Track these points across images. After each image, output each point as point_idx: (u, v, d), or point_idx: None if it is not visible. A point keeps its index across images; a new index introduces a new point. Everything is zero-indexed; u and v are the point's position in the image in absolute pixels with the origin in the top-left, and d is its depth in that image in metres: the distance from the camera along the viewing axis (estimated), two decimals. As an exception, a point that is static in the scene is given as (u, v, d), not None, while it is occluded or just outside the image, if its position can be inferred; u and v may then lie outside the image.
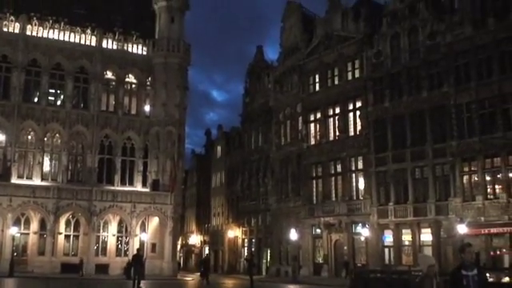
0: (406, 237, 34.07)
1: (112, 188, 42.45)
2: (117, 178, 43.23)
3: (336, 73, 39.91)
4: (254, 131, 49.89)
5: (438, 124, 32.99)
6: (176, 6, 46.73)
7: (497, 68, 30.04)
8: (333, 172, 39.36)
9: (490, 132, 30.14)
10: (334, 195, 39.00)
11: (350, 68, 39.08)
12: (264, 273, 45.60)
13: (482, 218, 29.74)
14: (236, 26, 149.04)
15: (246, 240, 50.34)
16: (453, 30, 32.47)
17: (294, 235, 39.38)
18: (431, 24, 33.85)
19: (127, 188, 43.18)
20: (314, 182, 40.84)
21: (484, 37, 30.81)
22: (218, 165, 59.71)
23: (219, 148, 60.00)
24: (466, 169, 31.39)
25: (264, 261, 46.72)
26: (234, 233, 51.62)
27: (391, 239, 34.73)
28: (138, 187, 43.70)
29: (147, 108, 45.70)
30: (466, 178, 31.44)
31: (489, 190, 30.30)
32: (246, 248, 50.30)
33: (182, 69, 46.61)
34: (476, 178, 30.88)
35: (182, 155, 46.53)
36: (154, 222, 43.51)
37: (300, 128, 42.61)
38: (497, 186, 29.91)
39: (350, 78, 39.01)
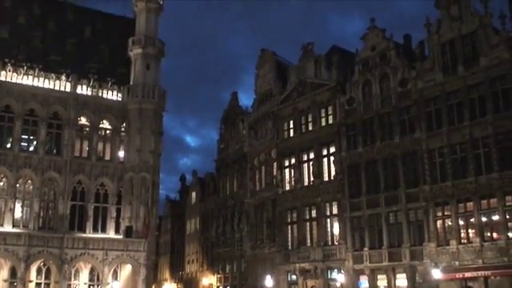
0: (382, 282, 33.89)
1: (84, 235, 41.76)
2: (89, 224, 42.59)
3: (310, 119, 40.36)
4: (228, 177, 49.80)
5: (411, 169, 33.44)
6: (152, 53, 47.21)
7: (467, 113, 30.74)
8: (308, 217, 39.31)
9: (463, 177, 30.59)
10: (309, 241, 38.84)
11: (323, 114, 39.58)
12: (239, 321, 44.77)
13: (457, 263, 29.89)
14: (209, 71, 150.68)
15: (220, 287, 49.52)
16: (423, 77, 33.29)
17: (269, 282, 38.92)
18: (402, 71, 34.69)
19: (99, 235, 42.48)
20: (289, 227, 40.70)
21: (454, 83, 31.64)
22: (192, 211, 59.23)
23: (194, 194, 59.65)
24: (440, 213, 31.64)
25: (239, 309, 45.92)
26: (209, 280, 50.80)
27: (367, 285, 34.53)
28: (111, 234, 43.04)
29: (121, 154, 45.46)
30: (439, 222, 31.66)
31: (462, 234, 30.51)
32: (220, 296, 49.46)
33: (157, 115, 46.75)
34: (449, 223, 31.12)
35: (156, 201, 46.21)
36: (127, 269, 42.69)
37: (275, 174, 42.71)
38: (470, 231, 30.17)
39: (323, 123, 39.47)
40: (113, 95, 46.32)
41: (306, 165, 40.18)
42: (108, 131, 45.84)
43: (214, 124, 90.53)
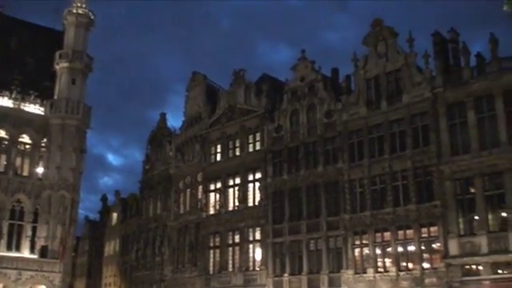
0: (300, 308, 34.29)
1: (-3, 253, 40.09)
2: (3, 242, 40.99)
3: (237, 144, 40.69)
4: (152, 199, 49.12)
5: (333, 198, 34.23)
6: (79, 68, 46.44)
7: (388, 147, 31.96)
8: (231, 242, 39.34)
9: (381, 207, 31.64)
10: (230, 266, 38.82)
11: (251, 140, 40.01)
12: None
13: (373, 291, 30.75)
14: (136, 90, 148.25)
15: (138, 312, 48.41)
16: (348, 110, 34.42)
17: (188, 306, 38.50)
18: (328, 103, 35.72)
19: (13, 254, 40.97)
20: (212, 252, 40.54)
21: (377, 117, 32.88)
22: (112, 232, 57.81)
23: (115, 215, 58.30)
24: (358, 242, 32.48)
25: (156, 334, 45.00)
26: (126, 304, 49.62)
27: (286, 311, 34.82)
28: (25, 253, 41.52)
29: (40, 170, 44.07)
30: (357, 250, 32.48)
31: (379, 263, 31.40)
32: (137, 320, 48.30)
33: (81, 131, 45.85)
34: (367, 251, 32.01)
35: (74, 221, 45.02)
36: (41, 291, 41.17)
37: (200, 197, 42.58)
38: (387, 260, 31.10)
39: (250, 149, 39.87)
40: (35, 109, 45.04)
41: (231, 189, 40.33)
42: (28, 146, 44.46)
43: (138, 144, 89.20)
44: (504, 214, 27.47)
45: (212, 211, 41.27)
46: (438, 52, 31.40)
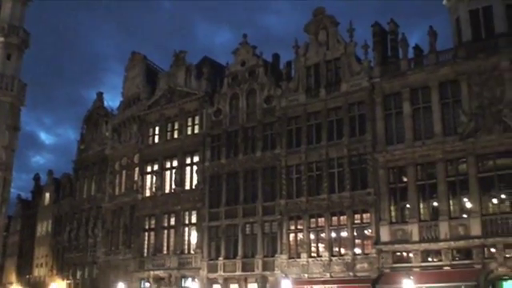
0: (234, 291, 34.57)
1: None
2: None
3: (176, 127, 40.33)
4: (87, 179, 48.07)
5: (269, 183, 34.52)
6: (15, 43, 44.81)
7: (325, 134, 32.45)
8: (166, 225, 39.11)
9: (317, 193, 32.16)
10: (165, 248, 38.63)
11: (190, 123, 39.72)
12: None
13: (306, 275, 31.26)
14: (70, 68, 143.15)
15: (69, 293, 47.53)
16: (288, 96, 34.67)
17: (121, 289, 38.08)
18: (268, 88, 35.85)
19: None
20: (147, 234, 40.19)
21: (315, 105, 33.28)
22: (44, 212, 56.29)
23: (47, 195, 56.76)
24: (293, 227, 32.94)
25: (88, 316, 44.34)
26: (58, 285, 48.55)
27: (219, 294, 35.05)
28: (-47, 232, 39.98)
29: (-29, 147, 42.46)
30: (292, 235, 32.95)
31: (313, 248, 31.99)
32: (69, 302, 47.43)
33: (15, 108, 44.44)
34: (301, 237, 32.52)
35: (6, 200, 43.86)
36: (-33, 271, 39.85)
37: (136, 179, 42.00)
38: (320, 245, 31.70)
39: (189, 132, 39.59)
40: (-33, 84, 43.27)
41: (168, 172, 39.98)
42: (-41, 122, 42.65)
43: (71, 123, 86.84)
44: (435, 204, 28.40)
45: (148, 193, 40.84)
46: (377, 43, 32.04)
